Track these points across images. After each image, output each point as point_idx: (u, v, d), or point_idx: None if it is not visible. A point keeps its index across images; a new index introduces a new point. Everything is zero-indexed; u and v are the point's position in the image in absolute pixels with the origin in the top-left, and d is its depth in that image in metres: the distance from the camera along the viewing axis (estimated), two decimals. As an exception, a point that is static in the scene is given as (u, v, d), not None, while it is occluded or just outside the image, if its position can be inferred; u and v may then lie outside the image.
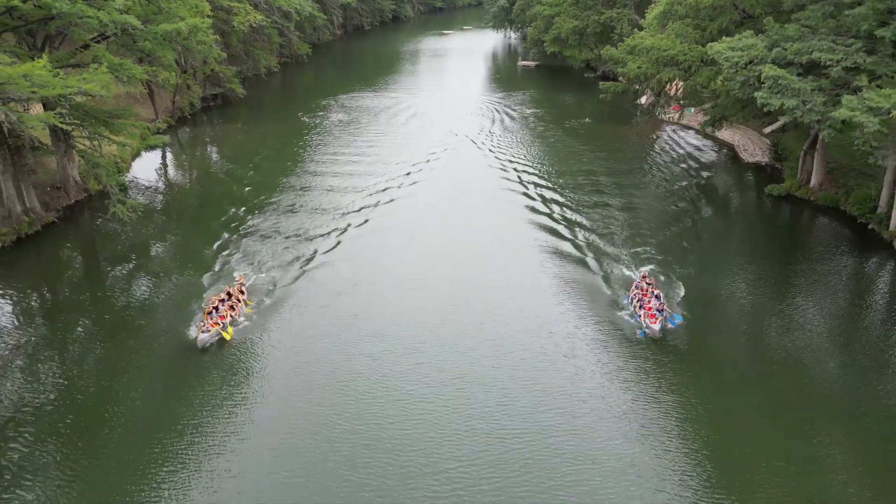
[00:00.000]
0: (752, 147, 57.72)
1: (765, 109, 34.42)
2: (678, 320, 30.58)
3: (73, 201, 45.86)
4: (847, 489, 21.98)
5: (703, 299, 33.52)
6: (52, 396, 26.65)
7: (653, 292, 31.74)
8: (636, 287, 32.87)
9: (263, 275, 35.99)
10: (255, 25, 75.95)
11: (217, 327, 29.75)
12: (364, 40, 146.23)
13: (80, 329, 31.93)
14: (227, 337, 29.73)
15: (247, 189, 49.99)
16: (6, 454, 23.45)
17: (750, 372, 28.19)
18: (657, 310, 30.39)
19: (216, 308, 30.79)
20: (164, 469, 22.85)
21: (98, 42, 39.52)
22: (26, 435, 24.40)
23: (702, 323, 31.38)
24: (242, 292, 32.99)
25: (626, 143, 62.59)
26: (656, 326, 29.54)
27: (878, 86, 31.29)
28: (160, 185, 53.51)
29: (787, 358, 28.89)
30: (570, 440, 24.02)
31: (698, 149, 59.61)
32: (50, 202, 43.94)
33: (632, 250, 38.83)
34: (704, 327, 31.08)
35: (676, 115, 62.13)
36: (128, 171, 53.31)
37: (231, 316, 30.85)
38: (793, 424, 24.86)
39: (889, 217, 39.39)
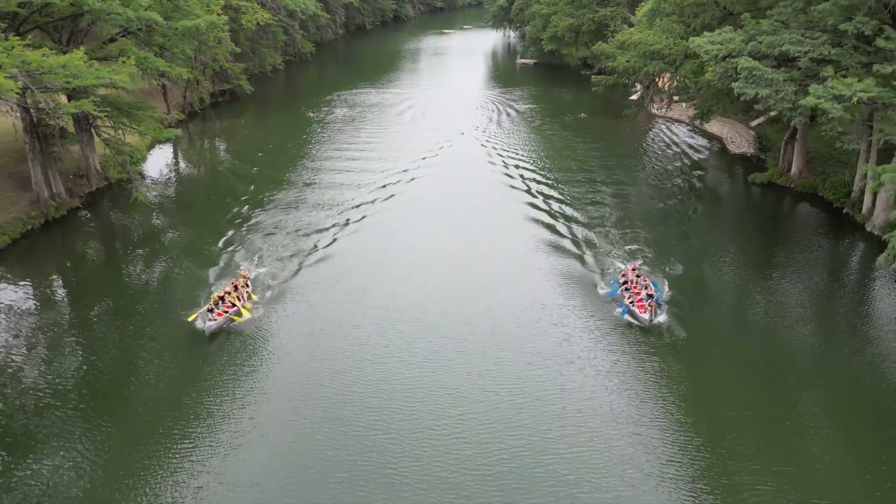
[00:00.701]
0: (738, 139, 60.35)
1: (741, 98, 37.08)
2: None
3: (94, 189, 48.50)
4: (812, 436, 24.61)
5: (689, 277, 36.03)
6: (75, 367, 28.78)
7: (643, 283, 32.97)
8: (622, 275, 34.53)
9: (274, 261, 37.87)
10: (261, 24, 78.31)
11: (224, 315, 30.98)
12: (365, 39, 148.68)
13: (101, 308, 33.87)
14: (241, 317, 31.14)
15: (253, 182, 51.96)
16: (34, 421, 25.33)
17: (728, 339, 30.80)
18: (647, 295, 31.82)
19: (222, 298, 31.98)
20: (191, 418, 25.44)
21: (123, 37, 42.06)
22: (52, 404, 26.25)
23: (686, 297, 33.85)
24: (247, 286, 33.85)
25: (621, 137, 64.96)
26: (646, 317, 30.90)
27: (842, 76, 33.97)
28: (172, 176, 56.14)
29: (765, 327, 31.53)
30: (558, 394, 26.58)
31: (689, 141, 62.23)
32: (73, 189, 46.54)
33: (621, 232, 41.42)
34: (688, 301, 33.55)
35: (665, 109, 64.77)
36: (144, 161, 55.99)
37: (237, 306, 31.90)
38: (765, 381, 27.45)
39: (862, 201, 42.06)
